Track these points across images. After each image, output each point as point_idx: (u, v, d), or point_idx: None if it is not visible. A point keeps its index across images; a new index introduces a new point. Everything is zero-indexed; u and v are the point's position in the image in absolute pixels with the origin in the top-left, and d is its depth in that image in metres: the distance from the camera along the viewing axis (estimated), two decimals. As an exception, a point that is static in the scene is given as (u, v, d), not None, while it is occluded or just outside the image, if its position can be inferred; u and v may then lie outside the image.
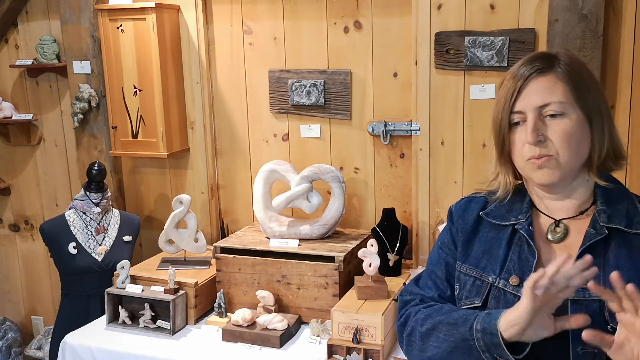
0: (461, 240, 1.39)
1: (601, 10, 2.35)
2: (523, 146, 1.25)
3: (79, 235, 2.90)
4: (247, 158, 3.13)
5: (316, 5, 2.86)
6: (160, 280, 2.62)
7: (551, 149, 1.22)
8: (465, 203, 1.44)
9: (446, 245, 1.44)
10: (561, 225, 1.29)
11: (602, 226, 1.23)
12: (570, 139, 1.22)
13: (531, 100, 1.23)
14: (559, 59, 1.26)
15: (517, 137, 1.27)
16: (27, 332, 3.81)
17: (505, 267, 1.29)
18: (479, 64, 2.58)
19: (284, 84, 2.95)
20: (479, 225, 1.38)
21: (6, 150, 3.65)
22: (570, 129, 1.22)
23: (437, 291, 1.42)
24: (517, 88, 1.25)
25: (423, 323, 1.34)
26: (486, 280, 1.30)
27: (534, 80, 1.24)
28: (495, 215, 1.36)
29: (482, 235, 1.37)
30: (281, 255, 2.59)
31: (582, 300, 1.19)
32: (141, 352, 2.40)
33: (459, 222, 1.41)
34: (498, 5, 2.54)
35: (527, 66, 1.26)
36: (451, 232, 1.43)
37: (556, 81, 1.23)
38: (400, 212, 2.83)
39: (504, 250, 1.30)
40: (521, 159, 1.27)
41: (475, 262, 1.34)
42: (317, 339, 2.40)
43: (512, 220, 1.33)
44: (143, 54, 2.95)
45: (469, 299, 1.32)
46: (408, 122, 2.77)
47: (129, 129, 3.06)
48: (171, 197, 3.14)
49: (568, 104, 1.22)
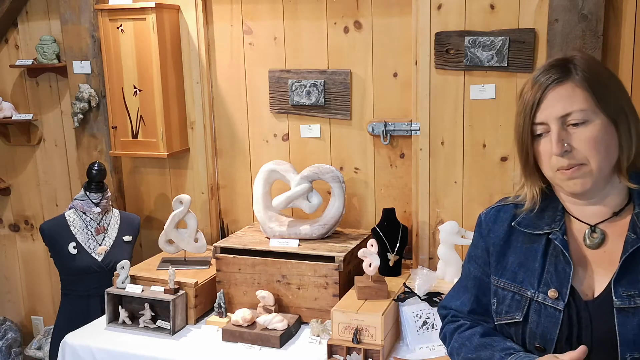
0: (495, 254, 1.37)
1: (601, 10, 2.35)
2: (550, 157, 1.23)
3: (79, 235, 2.90)
4: (247, 158, 3.13)
5: (316, 5, 2.86)
6: (160, 280, 2.62)
7: (579, 157, 1.21)
8: (494, 213, 1.41)
9: (474, 260, 1.43)
10: (597, 230, 1.26)
11: None
12: (598, 144, 1.20)
13: (552, 111, 1.22)
14: (576, 64, 1.24)
15: (543, 148, 1.25)
16: (27, 332, 3.81)
17: (543, 279, 1.27)
18: (479, 64, 2.58)
19: (284, 84, 2.95)
20: (511, 235, 1.36)
21: (6, 150, 3.64)
22: (597, 134, 1.20)
23: (469, 306, 1.44)
24: (536, 100, 1.23)
25: (459, 353, 1.39)
26: (525, 294, 1.29)
27: (552, 90, 1.22)
28: (528, 225, 1.33)
29: (515, 246, 1.34)
30: (281, 255, 2.59)
31: (628, 307, 1.17)
32: (141, 352, 2.40)
33: (490, 235, 1.39)
34: (498, 5, 2.54)
35: (544, 76, 1.24)
36: (482, 246, 1.41)
37: (574, 89, 1.22)
38: (400, 212, 2.83)
39: (539, 263, 1.28)
40: (550, 170, 1.25)
41: (512, 277, 1.32)
42: (317, 339, 2.40)
43: (546, 229, 1.30)
44: (143, 54, 2.95)
45: (509, 314, 1.31)
46: (408, 122, 2.77)
47: (129, 129, 3.06)
48: (171, 197, 3.14)
49: (590, 110, 1.21)
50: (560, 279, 1.24)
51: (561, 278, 1.24)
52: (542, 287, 1.26)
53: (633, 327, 1.16)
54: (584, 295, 1.23)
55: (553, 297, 1.24)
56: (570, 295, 1.23)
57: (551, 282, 1.25)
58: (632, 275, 1.19)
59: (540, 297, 1.26)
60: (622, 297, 1.18)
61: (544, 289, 1.26)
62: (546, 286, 1.25)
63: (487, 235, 1.40)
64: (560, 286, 1.24)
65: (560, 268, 1.25)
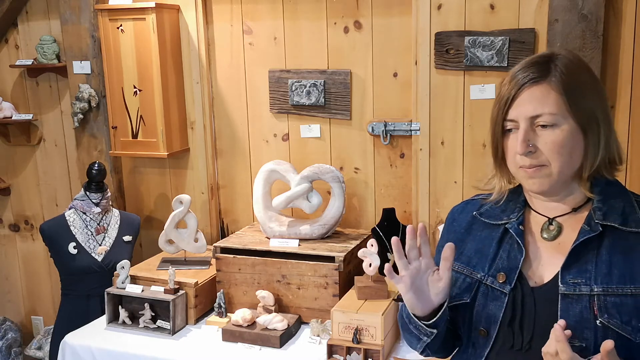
0: (454, 240, 1.39)
1: (601, 10, 2.35)
2: (515, 154, 1.25)
3: (79, 235, 2.90)
4: (247, 158, 3.13)
5: (316, 5, 2.86)
6: (160, 280, 2.62)
7: (542, 158, 1.22)
8: (463, 205, 1.48)
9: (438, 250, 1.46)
10: (554, 223, 1.29)
11: (597, 223, 1.23)
12: (562, 149, 1.21)
13: (523, 110, 1.23)
14: (557, 64, 1.24)
15: (510, 144, 1.27)
16: (27, 332, 3.81)
17: (495, 265, 1.31)
18: (479, 64, 2.58)
19: (284, 84, 2.95)
20: (473, 225, 1.41)
21: (6, 150, 3.65)
22: (562, 139, 1.21)
23: None
24: (510, 96, 1.24)
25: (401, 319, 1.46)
26: (475, 277, 1.33)
27: (527, 89, 1.23)
28: (489, 215, 1.38)
29: (475, 234, 1.39)
30: (281, 255, 2.59)
31: (572, 294, 1.20)
32: (141, 352, 2.40)
33: (454, 224, 1.45)
34: (498, 5, 2.54)
35: (523, 73, 1.24)
36: (445, 235, 1.46)
37: (549, 91, 1.22)
38: (400, 212, 2.83)
39: (494, 249, 1.33)
40: (514, 165, 1.28)
41: (467, 261, 1.36)
42: (317, 339, 2.40)
43: (505, 219, 1.34)
44: (143, 54, 2.95)
45: (459, 296, 1.35)
46: (408, 122, 2.77)
47: (129, 129, 3.06)
48: (171, 197, 3.14)
49: (560, 115, 1.21)
50: (510, 265, 1.28)
51: (511, 264, 1.28)
52: (492, 271, 1.30)
53: (575, 314, 1.18)
54: (532, 282, 1.26)
55: (501, 281, 1.28)
56: (517, 280, 1.26)
57: (501, 267, 1.30)
58: (581, 264, 1.22)
59: (489, 280, 1.30)
60: (568, 283, 1.21)
61: (493, 273, 1.30)
62: (496, 270, 1.30)
63: (451, 225, 1.46)
64: (509, 271, 1.28)
65: (512, 255, 1.30)
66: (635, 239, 1.21)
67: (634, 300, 1.16)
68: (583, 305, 1.18)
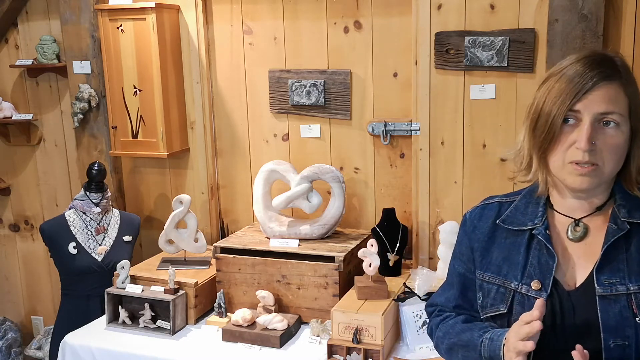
0: (479, 250, 1.39)
1: (601, 10, 2.35)
2: (569, 147, 1.22)
3: (79, 235, 2.90)
4: (247, 158, 3.13)
5: (316, 5, 2.86)
6: (160, 280, 2.62)
7: (598, 158, 1.21)
8: (479, 211, 1.44)
9: (459, 257, 1.45)
10: (581, 224, 1.29)
11: (623, 221, 1.23)
12: (619, 150, 1.22)
13: (594, 106, 1.20)
14: (618, 65, 1.24)
15: (566, 137, 1.23)
16: (27, 332, 3.81)
17: (526, 272, 1.29)
18: (479, 64, 2.58)
19: (284, 84, 2.95)
20: (495, 232, 1.38)
21: (6, 150, 3.64)
22: (622, 141, 1.21)
23: (454, 302, 1.47)
24: (583, 89, 1.20)
25: (443, 341, 1.43)
26: (509, 287, 1.31)
27: (601, 86, 1.20)
28: (512, 222, 1.36)
29: (499, 242, 1.36)
30: (281, 255, 2.59)
31: (609, 295, 1.20)
32: (141, 352, 2.40)
33: (475, 232, 1.41)
34: (498, 5, 2.54)
35: (594, 70, 1.21)
36: (466, 243, 1.43)
37: (619, 91, 1.21)
38: (400, 212, 2.83)
39: (523, 256, 1.30)
40: (562, 159, 1.24)
41: (497, 270, 1.34)
42: (317, 339, 2.40)
43: (529, 225, 1.32)
44: (143, 54, 2.95)
45: (494, 307, 1.33)
46: (408, 122, 2.77)
47: (129, 129, 3.06)
48: (171, 197, 3.14)
49: (624, 117, 1.21)
50: (543, 271, 1.27)
51: (544, 270, 1.27)
52: (526, 279, 1.28)
53: (615, 314, 1.19)
54: (566, 285, 1.26)
55: (536, 289, 1.26)
56: (552, 286, 1.25)
57: (534, 274, 1.28)
58: (613, 264, 1.22)
59: (523, 289, 1.28)
60: (604, 285, 1.20)
61: (527, 281, 1.28)
62: (529, 278, 1.28)
63: (472, 232, 1.42)
64: (543, 278, 1.26)
65: (543, 261, 1.28)
66: None
67: None
68: (622, 304, 1.19)
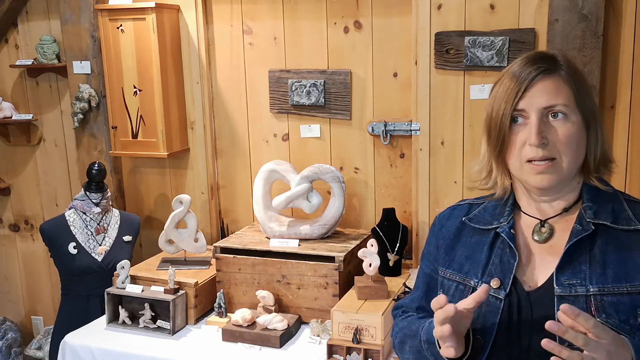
0: (443, 247, 1.39)
1: (601, 10, 2.35)
2: (523, 146, 1.23)
3: (79, 235, 2.90)
4: (247, 158, 3.13)
5: (316, 5, 2.86)
6: (160, 280, 2.62)
7: (553, 151, 1.21)
8: (449, 211, 1.45)
9: (426, 257, 1.46)
10: (546, 225, 1.28)
11: (588, 222, 1.23)
12: (572, 142, 1.21)
13: (536, 101, 1.22)
14: (559, 61, 1.26)
15: (517, 137, 1.24)
16: (27, 332, 3.81)
17: (487, 270, 1.28)
18: (479, 64, 2.58)
19: (284, 84, 2.95)
20: (462, 231, 1.38)
21: (6, 150, 3.65)
22: (573, 132, 1.21)
23: (418, 302, 1.47)
24: (522, 87, 1.23)
25: (396, 336, 1.44)
26: (468, 284, 1.30)
27: (540, 81, 1.23)
28: (478, 220, 1.36)
29: (465, 240, 1.37)
30: (281, 255, 2.59)
31: (568, 295, 1.19)
32: (141, 352, 2.40)
33: (442, 230, 1.42)
34: (498, 5, 2.54)
35: (532, 66, 1.24)
36: (433, 242, 1.44)
37: (560, 83, 1.23)
38: (400, 212, 2.83)
39: (486, 254, 1.30)
40: (518, 160, 1.25)
41: (459, 267, 1.34)
42: (317, 339, 2.40)
43: (495, 224, 1.33)
44: (143, 54, 2.95)
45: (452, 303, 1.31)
46: (408, 122, 2.77)
47: (129, 129, 3.06)
48: (171, 197, 3.14)
49: (571, 107, 1.22)
50: (504, 270, 1.26)
51: (505, 269, 1.26)
52: (486, 277, 1.28)
53: None
54: (527, 286, 1.25)
55: (495, 287, 1.25)
56: (512, 285, 1.24)
57: (495, 272, 1.27)
58: (574, 265, 1.21)
59: None
60: (564, 285, 1.19)
61: (487, 279, 1.27)
62: (489, 276, 1.27)
63: (439, 231, 1.42)
64: (503, 276, 1.26)
65: (505, 260, 1.27)
66: (627, 237, 1.21)
67: (630, 298, 1.16)
68: (580, 306, 1.17)
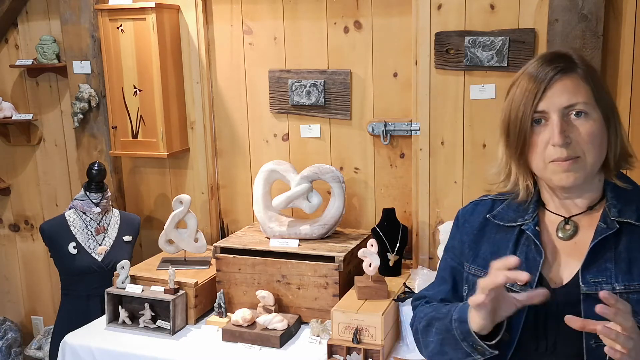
0: (468, 243, 1.39)
1: (601, 10, 2.35)
2: (546, 147, 1.23)
3: (79, 235, 2.90)
4: (247, 158, 3.13)
5: (316, 5, 2.86)
6: (160, 280, 2.62)
7: (577, 150, 1.21)
8: (472, 207, 1.45)
9: (451, 251, 1.45)
10: (570, 222, 1.29)
11: (613, 220, 1.23)
12: (595, 139, 1.22)
13: (557, 101, 1.22)
14: (575, 59, 1.26)
15: (539, 138, 1.24)
16: (27, 332, 3.81)
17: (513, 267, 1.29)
18: (479, 64, 2.58)
19: (284, 84, 2.95)
20: (486, 227, 1.38)
21: (6, 150, 3.64)
22: (595, 129, 1.22)
23: (444, 295, 1.45)
24: (541, 88, 1.23)
25: (421, 320, 1.40)
26: None
27: (558, 80, 1.23)
28: (502, 217, 1.36)
29: (489, 236, 1.37)
30: (281, 255, 2.59)
31: (594, 293, 1.18)
32: (141, 352, 2.40)
33: (466, 225, 1.42)
34: (498, 5, 2.54)
35: (549, 66, 1.24)
36: (457, 237, 1.44)
37: (579, 82, 1.23)
38: (400, 212, 2.83)
39: (511, 251, 1.30)
40: (542, 160, 1.25)
41: (484, 263, 1.33)
42: (317, 339, 2.40)
43: (519, 221, 1.32)
44: (143, 54, 2.95)
45: None
46: (408, 122, 2.77)
47: (129, 129, 3.06)
48: (171, 197, 3.14)
49: (591, 105, 1.22)
50: (529, 267, 1.26)
51: (531, 266, 1.26)
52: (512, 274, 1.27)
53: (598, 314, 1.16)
54: (552, 283, 1.25)
55: (521, 284, 1.25)
56: (538, 282, 1.25)
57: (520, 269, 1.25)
58: (599, 263, 1.21)
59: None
60: (589, 283, 1.20)
61: None
62: None
63: (463, 226, 1.43)
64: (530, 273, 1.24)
65: (530, 257, 1.28)
66: None
67: None
68: None
